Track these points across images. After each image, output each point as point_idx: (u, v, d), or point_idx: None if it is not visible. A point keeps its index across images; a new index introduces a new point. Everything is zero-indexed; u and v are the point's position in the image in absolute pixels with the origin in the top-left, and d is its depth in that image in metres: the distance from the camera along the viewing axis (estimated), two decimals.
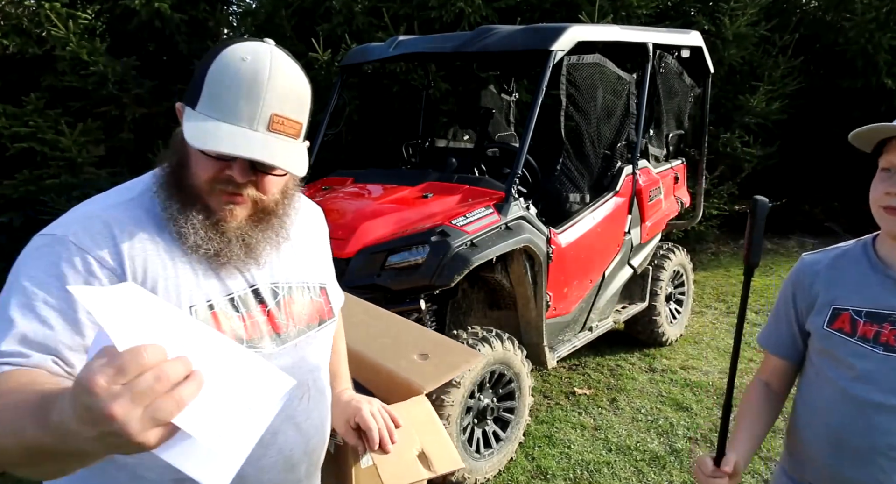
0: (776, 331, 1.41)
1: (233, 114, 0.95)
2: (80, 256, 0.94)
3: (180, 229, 1.00)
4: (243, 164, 0.98)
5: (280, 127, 0.98)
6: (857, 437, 1.22)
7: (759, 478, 2.96)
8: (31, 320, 0.87)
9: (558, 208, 3.74)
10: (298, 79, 1.01)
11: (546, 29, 3.37)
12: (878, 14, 6.52)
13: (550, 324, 3.39)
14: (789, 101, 6.70)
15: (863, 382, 1.21)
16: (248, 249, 1.05)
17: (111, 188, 1.08)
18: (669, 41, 4.21)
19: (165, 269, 0.99)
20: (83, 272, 0.93)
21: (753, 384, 1.44)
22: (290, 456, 1.12)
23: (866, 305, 1.24)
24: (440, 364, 1.66)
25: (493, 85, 5.13)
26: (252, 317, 1.06)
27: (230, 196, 1.01)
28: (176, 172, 1.02)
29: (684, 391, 3.84)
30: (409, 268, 2.78)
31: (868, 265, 1.27)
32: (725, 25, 6.21)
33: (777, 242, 7.36)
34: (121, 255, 0.96)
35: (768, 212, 1.29)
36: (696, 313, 5.10)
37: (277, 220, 1.08)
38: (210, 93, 0.97)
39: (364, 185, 3.50)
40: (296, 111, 1.01)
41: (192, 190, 1.00)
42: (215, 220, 1.01)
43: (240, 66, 0.96)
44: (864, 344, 1.22)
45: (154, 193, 1.03)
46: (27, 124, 5.57)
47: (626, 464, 3.11)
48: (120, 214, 1.00)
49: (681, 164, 4.78)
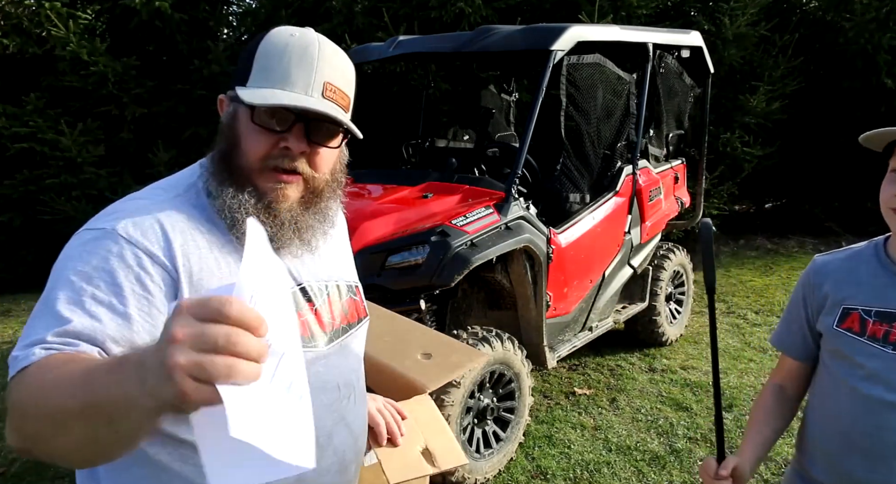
0: (788, 332, 1.41)
1: (287, 81, 0.95)
2: (132, 250, 0.90)
3: (234, 215, 0.97)
4: (299, 133, 0.97)
5: (333, 95, 0.98)
6: (867, 436, 1.22)
7: (758, 478, 2.96)
8: (79, 315, 0.84)
9: (558, 208, 3.74)
10: (345, 56, 1.03)
11: (546, 29, 3.37)
12: (878, 14, 6.53)
13: (550, 324, 3.39)
14: (789, 102, 6.71)
15: (872, 382, 1.22)
16: (300, 235, 1.02)
17: (114, 186, 1.05)
18: (669, 41, 4.22)
19: (219, 267, 0.96)
20: (135, 267, 0.90)
21: (766, 388, 1.44)
22: (343, 457, 1.10)
23: (876, 305, 1.24)
24: (443, 363, 1.66)
25: (493, 85, 5.13)
26: (302, 315, 1.04)
27: (283, 174, 0.98)
28: (226, 157, 1.00)
29: (684, 391, 3.84)
30: (409, 268, 2.78)
31: (878, 265, 1.27)
32: (725, 25, 6.21)
33: (777, 241, 7.36)
34: (173, 251, 0.93)
35: (713, 234, 1.36)
36: (696, 313, 5.10)
37: (325, 205, 1.06)
38: (261, 66, 0.97)
39: (364, 186, 3.50)
40: (345, 84, 1.02)
41: (242, 171, 0.98)
42: (267, 202, 0.98)
43: (289, 40, 0.97)
44: (873, 343, 1.22)
45: (203, 183, 1.01)
46: (27, 124, 5.58)
47: (626, 464, 3.11)
48: (169, 210, 0.97)
49: (681, 164, 4.79)
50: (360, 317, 1.19)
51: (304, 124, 0.97)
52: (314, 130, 0.99)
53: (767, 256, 6.86)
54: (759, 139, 6.71)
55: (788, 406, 1.40)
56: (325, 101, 0.97)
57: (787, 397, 1.41)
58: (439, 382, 1.60)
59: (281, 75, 0.95)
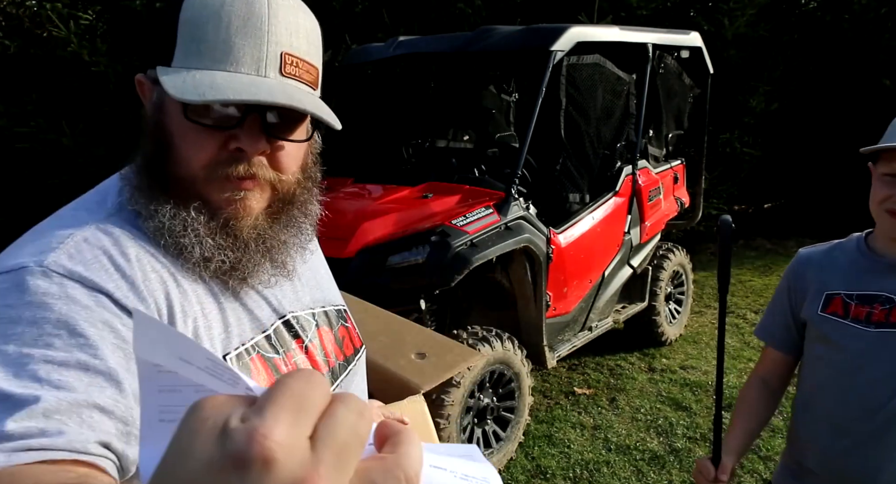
0: (772, 323, 1.46)
1: (228, 58, 0.69)
2: (78, 289, 0.64)
3: (178, 241, 0.72)
4: (254, 127, 0.71)
5: (296, 70, 0.73)
6: (853, 420, 1.26)
7: (758, 477, 2.97)
8: (37, 388, 0.56)
9: (558, 208, 3.75)
10: (305, 11, 0.77)
11: (546, 29, 3.38)
12: (877, 14, 6.53)
13: (550, 324, 3.40)
14: (788, 102, 6.71)
15: (857, 363, 1.26)
16: (271, 256, 0.78)
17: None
18: (669, 42, 4.22)
19: (192, 304, 0.73)
20: (94, 307, 0.63)
21: (749, 382, 1.48)
22: None
23: (857, 289, 1.29)
24: (438, 363, 1.67)
25: (494, 85, 5.14)
26: (291, 358, 0.80)
27: (238, 182, 0.73)
28: (155, 166, 0.74)
29: (684, 391, 3.84)
30: (409, 268, 2.79)
31: (859, 254, 1.34)
32: (725, 26, 6.22)
33: (776, 242, 7.36)
34: (135, 285, 0.68)
35: (732, 231, 1.40)
36: (696, 313, 5.11)
37: (299, 213, 0.81)
38: (190, 36, 0.69)
39: (364, 186, 3.51)
40: (309, 52, 0.75)
41: (183, 184, 0.73)
42: (223, 219, 0.74)
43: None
44: (856, 324, 1.27)
45: (129, 200, 0.74)
46: (28, 125, 5.59)
47: (625, 463, 3.12)
48: (109, 234, 0.71)
49: (680, 164, 4.79)
50: (355, 348, 0.95)
51: (259, 115, 0.72)
52: (273, 123, 0.74)
53: (767, 256, 6.88)
54: (758, 139, 6.72)
55: (771, 399, 1.45)
56: (285, 80, 0.72)
57: (770, 390, 1.45)
58: (433, 382, 1.60)
59: (219, 49, 0.69)
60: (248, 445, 0.26)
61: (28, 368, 0.56)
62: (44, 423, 0.53)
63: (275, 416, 0.27)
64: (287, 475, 0.26)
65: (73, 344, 0.59)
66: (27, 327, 0.59)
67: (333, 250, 2.75)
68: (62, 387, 0.56)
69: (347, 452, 0.28)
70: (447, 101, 4.78)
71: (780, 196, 7.83)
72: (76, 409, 0.56)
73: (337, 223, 2.94)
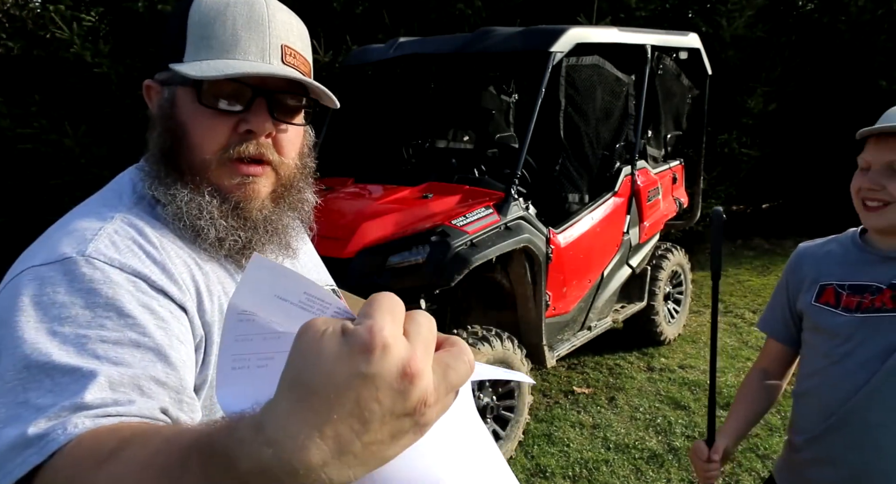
0: (772, 316, 1.51)
1: (237, 48, 0.79)
2: (120, 275, 0.70)
3: (195, 223, 0.80)
4: (262, 110, 0.80)
5: (294, 60, 0.83)
6: (840, 402, 1.30)
7: (756, 476, 3.00)
8: (98, 363, 0.61)
9: (557, 208, 3.77)
10: (296, 16, 0.89)
11: (545, 31, 3.41)
12: (873, 16, 6.56)
13: (550, 323, 3.42)
14: (786, 103, 6.74)
15: (845, 349, 1.30)
16: (278, 237, 0.87)
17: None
18: (667, 43, 4.25)
19: (214, 284, 0.81)
20: (134, 292, 0.70)
21: (751, 372, 1.53)
22: None
23: (848, 279, 1.34)
24: None
25: (493, 86, 5.16)
26: None
27: (248, 165, 0.82)
28: (170, 155, 0.82)
29: (682, 390, 3.87)
30: (409, 268, 2.81)
31: (854, 247, 1.38)
32: (723, 27, 6.24)
33: (774, 241, 7.39)
34: (166, 269, 0.75)
35: (724, 221, 1.47)
36: (694, 313, 5.13)
37: (299, 198, 0.90)
38: (199, 35, 0.79)
39: (364, 186, 3.53)
40: (304, 47, 0.87)
41: (196, 171, 0.81)
42: (234, 202, 0.82)
43: (228, 1, 0.81)
44: (846, 313, 1.31)
45: (149, 187, 0.82)
46: (31, 125, 5.61)
47: (624, 462, 3.14)
48: (134, 225, 0.78)
49: (679, 164, 4.82)
50: None
51: (265, 99, 0.81)
52: (278, 106, 0.83)
53: (765, 256, 6.91)
54: (756, 140, 6.75)
55: (770, 389, 1.49)
56: (286, 68, 0.82)
57: (770, 380, 1.50)
58: None
59: (228, 42, 0.79)
60: (370, 337, 0.38)
61: (88, 347, 0.62)
62: (114, 394, 0.59)
63: (382, 317, 0.39)
64: (398, 355, 0.38)
65: (122, 324, 0.66)
66: (81, 310, 0.65)
67: (333, 250, 2.77)
68: (120, 363, 0.62)
69: (429, 343, 0.42)
70: (447, 101, 4.79)
71: (778, 196, 7.85)
72: (136, 381, 0.62)
73: (337, 223, 2.97)
